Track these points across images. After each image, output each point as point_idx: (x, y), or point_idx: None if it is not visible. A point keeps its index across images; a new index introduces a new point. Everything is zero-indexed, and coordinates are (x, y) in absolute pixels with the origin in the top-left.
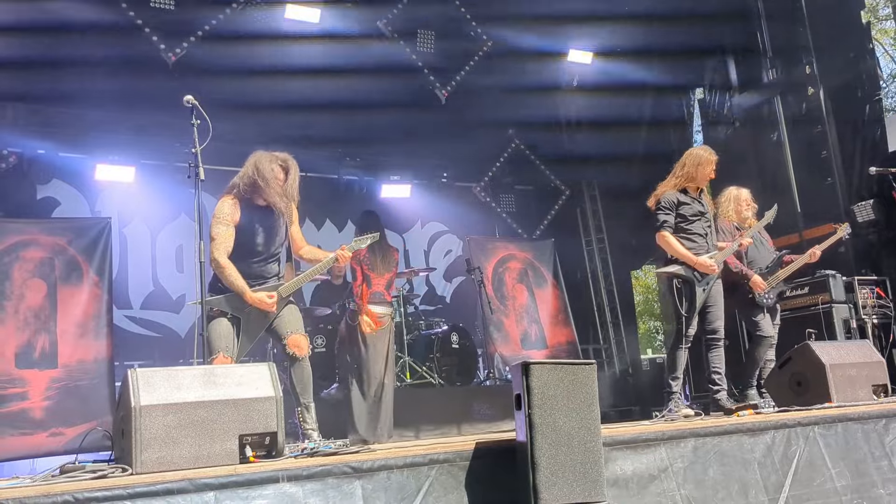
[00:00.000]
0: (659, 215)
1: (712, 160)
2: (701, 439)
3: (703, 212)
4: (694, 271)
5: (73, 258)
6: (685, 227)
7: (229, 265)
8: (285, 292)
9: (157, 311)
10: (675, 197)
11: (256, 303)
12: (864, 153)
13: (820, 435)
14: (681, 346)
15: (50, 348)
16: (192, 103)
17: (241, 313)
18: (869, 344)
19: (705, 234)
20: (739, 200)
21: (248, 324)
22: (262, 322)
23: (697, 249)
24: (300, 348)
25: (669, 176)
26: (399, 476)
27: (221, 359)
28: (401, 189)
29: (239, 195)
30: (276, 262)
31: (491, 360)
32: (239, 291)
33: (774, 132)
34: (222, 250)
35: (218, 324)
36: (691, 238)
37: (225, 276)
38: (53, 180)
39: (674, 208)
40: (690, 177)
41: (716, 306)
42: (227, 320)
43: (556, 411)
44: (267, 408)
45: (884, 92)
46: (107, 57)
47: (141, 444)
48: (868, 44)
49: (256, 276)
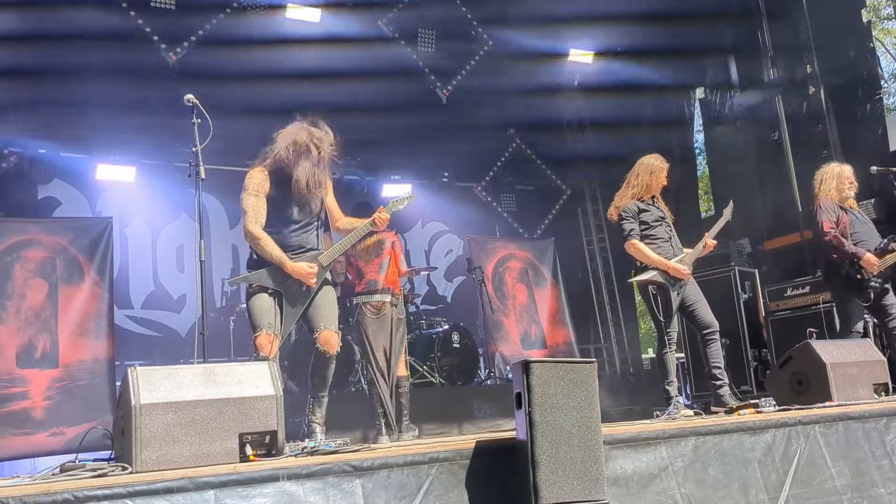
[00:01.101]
0: (623, 225)
1: (664, 167)
2: (701, 438)
3: (663, 216)
4: (667, 276)
5: (75, 258)
6: (649, 233)
7: (264, 235)
8: (325, 261)
9: (157, 310)
10: (636, 206)
11: (297, 272)
12: (865, 152)
13: (820, 434)
14: (665, 349)
15: (51, 348)
16: (192, 102)
17: (283, 286)
18: (870, 343)
19: (669, 237)
20: (842, 178)
21: (290, 297)
22: (303, 296)
23: (665, 253)
24: (330, 345)
25: (624, 186)
26: (399, 474)
27: (265, 336)
28: (402, 189)
29: (269, 165)
30: (313, 231)
31: (492, 359)
32: (278, 261)
33: (775, 131)
34: (255, 221)
35: (259, 299)
36: (656, 243)
37: (261, 248)
38: (54, 180)
39: (636, 216)
40: (645, 185)
41: (699, 303)
42: (267, 295)
43: (556, 410)
44: (267, 406)
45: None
46: (108, 57)
47: (141, 442)
48: (869, 43)
49: (295, 247)
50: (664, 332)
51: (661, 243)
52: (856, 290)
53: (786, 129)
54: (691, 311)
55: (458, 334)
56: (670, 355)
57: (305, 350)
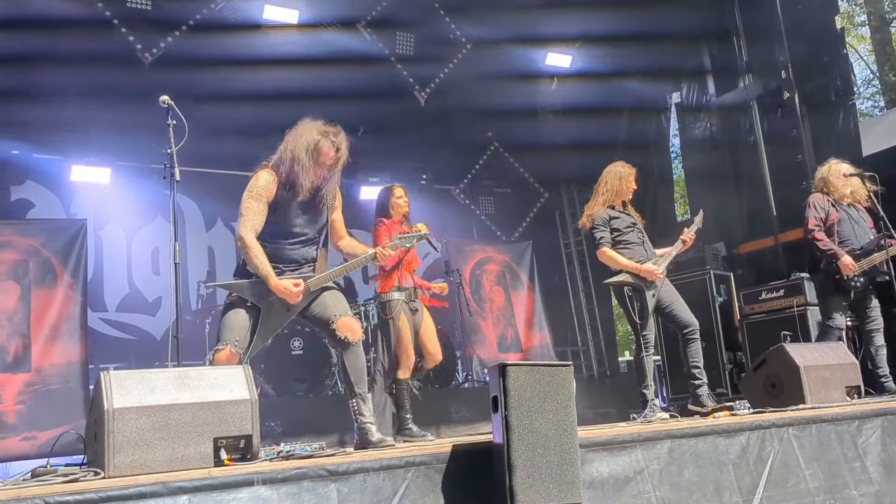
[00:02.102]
0: (595, 233)
1: (632, 172)
2: (677, 441)
3: (634, 222)
4: (639, 278)
5: (48, 260)
6: (621, 238)
7: (255, 246)
8: (314, 286)
9: (132, 313)
10: (607, 214)
11: (279, 290)
12: (840, 157)
13: (794, 436)
14: (642, 353)
15: (23, 351)
16: (167, 104)
17: (263, 302)
18: (842, 346)
19: (641, 241)
20: (838, 174)
21: (268, 315)
22: (282, 316)
23: (637, 258)
24: (353, 332)
25: (594, 195)
26: (375, 479)
27: (227, 352)
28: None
29: (278, 168)
30: (312, 246)
31: (469, 362)
32: (263, 275)
33: (750, 135)
34: (250, 227)
35: (234, 314)
36: (629, 248)
37: (249, 257)
38: (28, 182)
39: (607, 224)
40: (616, 191)
41: (676, 303)
42: (245, 311)
43: (532, 413)
44: (242, 410)
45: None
46: (83, 57)
47: (114, 447)
48: (843, 49)
49: (288, 260)
50: (640, 335)
51: (634, 247)
52: (835, 287)
53: (760, 133)
54: (669, 312)
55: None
56: (647, 359)
57: (280, 353)
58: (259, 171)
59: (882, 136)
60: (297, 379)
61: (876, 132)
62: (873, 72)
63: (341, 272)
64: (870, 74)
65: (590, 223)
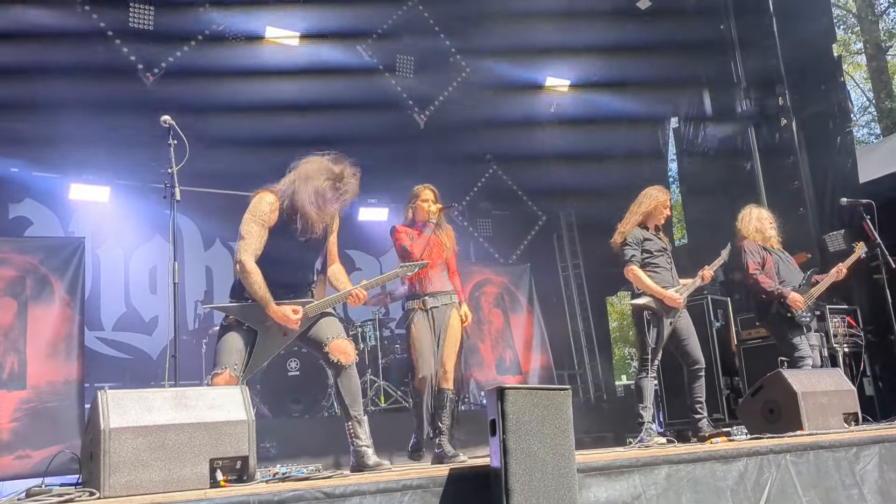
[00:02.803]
0: (626, 251)
1: (668, 198)
2: (674, 466)
3: (665, 247)
4: (662, 304)
5: (45, 277)
6: (651, 261)
7: (256, 271)
8: (312, 312)
9: (129, 332)
10: (641, 234)
11: (279, 316)
12: (836, 184)
13: (792, 463)
14: (646, 375)
15: (19, 368)
16: (168, 123)
17: (260, 326)
18: (840, 372)
19: (669, 267)
20: (762, 219)
21: (264, 338)
22: (279, 340)
23: (664, 283)
24: (346, 354)
25: (627, 214)
26: (372, 501)
27: (227, 376)
28: (378, 212)
29: (283, 195)
30: (310, 271)
31: (466, 384)
32: (261, 301)
33: (748, 162)
34: (251, 252)
35: (231, 336)
36: (657, 272)
37: (249, 283)
38: (26, 199)
39: (640, 244)
40: (649, 215)
41: (691, 337)
42: (241, 334)
43: (530, 437)
44: (239, 431)
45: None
46: (84, 75)
47: (109, 467)
48: (839, 77)
49: (285, 286)
50: (649, 358)
51: (662, 272)
52: (788, 326)
53: (758, 160)
54: (683, 345)
55: None
56: (648, 381)
57: (277, 374)
58: (262, 192)
59: (878, 163)
60: (293, 400)
61: (872, 159)
62: (869, 99)
63: (340, 299)
64: (866, 102)
65: (622, 240)
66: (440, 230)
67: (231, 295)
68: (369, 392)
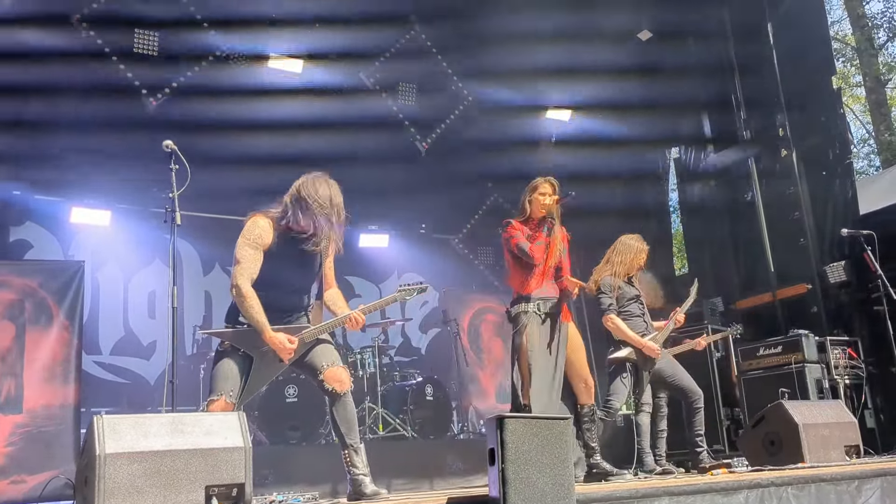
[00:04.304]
0: (602, 299)
1: (645, 249)
2: (675, 498)
3: (638, 294)
4: (641, 354)
5: (44, 301)
6: (623, 309)
7: (252, 295)
8: (308, 337)
9: (126, 357)
10: (613, 281)
11: (275, 344)
12: (836, 215)
13: (793, 495)
14: (641, 411)
15: (15, 392)
16: (170, 148)
17: (256, 352)
18: (841, 404)
19: (641, 314)
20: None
21: (260, 364)
22: (275, 366)
23: (638, 330)
24: (341, 382)
25: (603, 262)
26: None
27: (222, 403)
28: (379, 239)
29: (278, 217)
30: (306, 294)
31: (465, 413)
32: (258, 326)
33: (748, 191)
34: (247, 276)
35: (227, 362)
36: (630, 320)
37: (245, 307)
38: (27, 222)
39: (614, 291)
40: (625, 264)
41: (679, 373)
42: (237, 360)
43: (529, 467)
44: (235, 458)
45: (854, 155)
46: (87, 100)
47: (104, 493)
48: (839, 108)
49: (281, 309)
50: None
51: (635, 320)
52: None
53: (758, 190)
54: (673, 383)
55: (431, 387)
56: (644, 416)
57: (275, 400)
58: (255, 216)
59: (879, 195)
60: (291, 427)
61: (872, 191)
62: (868, 131)
63: (337, 324)
64: (865, 134)
65: (597, 288)
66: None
67: (226, 319)
68: (367, 420)
